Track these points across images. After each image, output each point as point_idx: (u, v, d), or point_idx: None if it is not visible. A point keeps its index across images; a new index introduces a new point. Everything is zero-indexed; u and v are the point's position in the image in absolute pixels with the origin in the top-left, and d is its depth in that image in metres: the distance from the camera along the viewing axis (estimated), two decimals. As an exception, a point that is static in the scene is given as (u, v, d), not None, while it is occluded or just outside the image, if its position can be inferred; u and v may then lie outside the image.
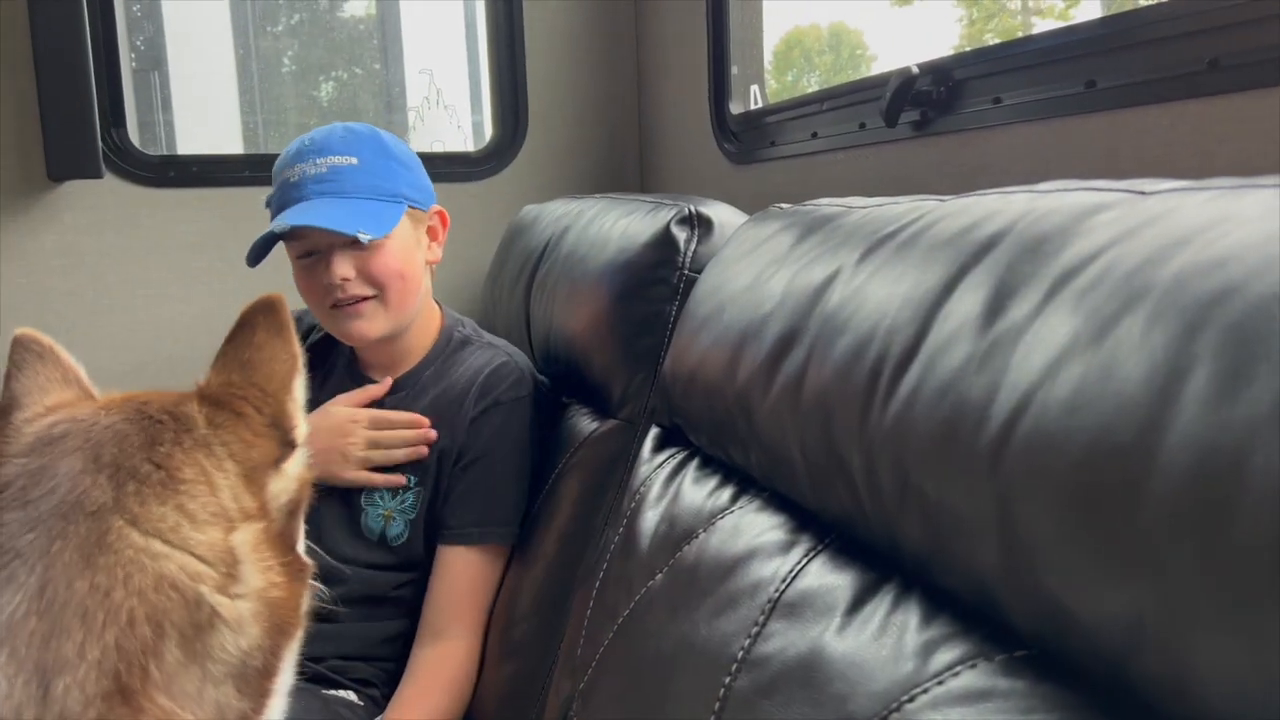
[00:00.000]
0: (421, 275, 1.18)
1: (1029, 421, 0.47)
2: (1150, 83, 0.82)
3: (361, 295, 1.12)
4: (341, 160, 1.12)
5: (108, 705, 0.47)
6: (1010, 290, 0.54)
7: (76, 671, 0.47)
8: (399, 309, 1.15)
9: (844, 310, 0.68)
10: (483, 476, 1.14)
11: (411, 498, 1.15)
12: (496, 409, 1.15)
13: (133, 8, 3.97)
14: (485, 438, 1.14)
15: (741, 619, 0.67)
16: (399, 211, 1.13)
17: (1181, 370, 0.40)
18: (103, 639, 0.48)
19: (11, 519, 0.51)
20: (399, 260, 1.13)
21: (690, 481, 0.88)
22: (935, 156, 1.11)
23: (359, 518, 1.16)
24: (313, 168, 1.12)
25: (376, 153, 1.15)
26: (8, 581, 0.49)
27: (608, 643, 0.83)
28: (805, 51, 8.99)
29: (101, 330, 1.82)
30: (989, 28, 6.86)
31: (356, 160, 1.12)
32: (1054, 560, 0.45)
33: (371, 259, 1.11)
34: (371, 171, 1.13)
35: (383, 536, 1.16)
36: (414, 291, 1.17)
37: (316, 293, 1.14)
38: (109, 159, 1.75)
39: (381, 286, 1.12)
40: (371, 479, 1.13)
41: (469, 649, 1.10)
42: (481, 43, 2.04)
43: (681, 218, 1.07)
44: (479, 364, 1.18)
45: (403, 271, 1.14)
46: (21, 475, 0.53)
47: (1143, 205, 0.51)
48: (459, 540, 1.12)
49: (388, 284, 1.13)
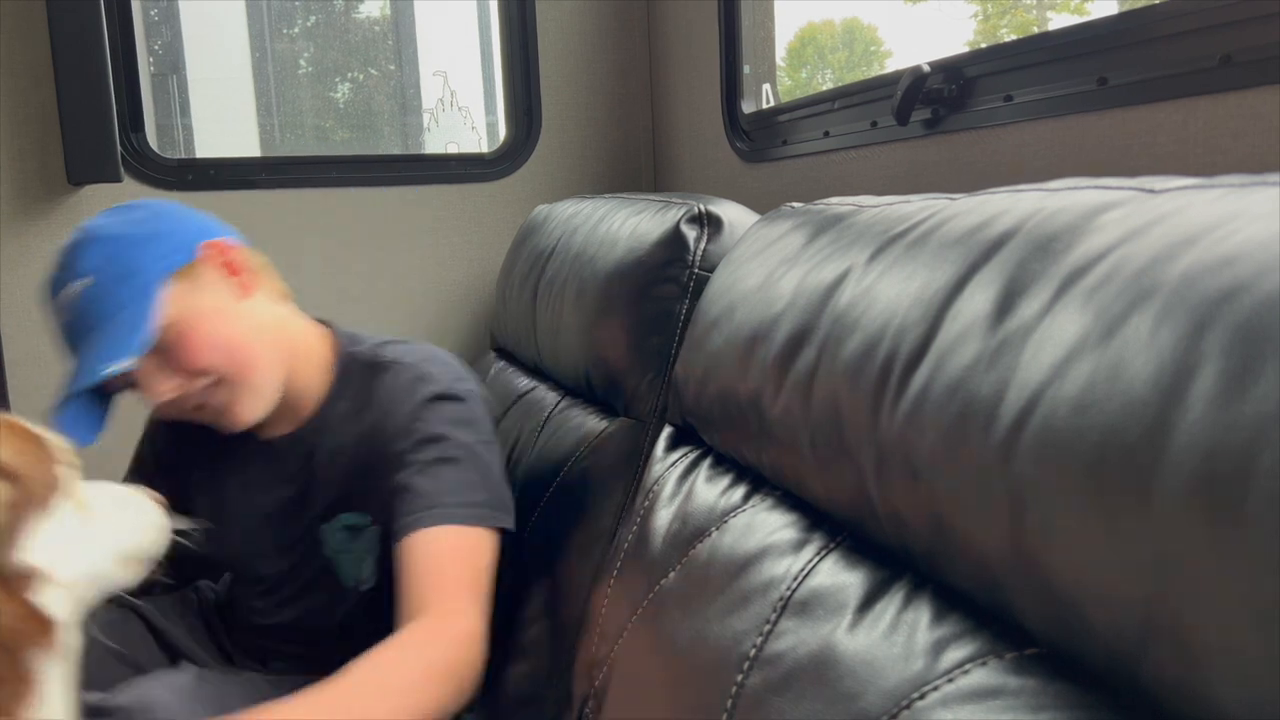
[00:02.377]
0: (240, 323, 1.00)
1: (1038, 420, 0.47)
2: (1162, 79, 0.82)
3: (195, 402, 0.98)
4: (79, 285, 0.96)
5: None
6: (1020, 289, 0.54)
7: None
8: (249, 379, 1.00)
9: (854, 309, 0.68)
10: (427, 465, 0.99)
11: (372, 534, 1.06)
12: (425, 408, 1.02)
13: (150, 12, 4.00)
14: (419, 438, 1.00)
15: (753, 617, 0.67)
16: (149, 306, 0.95)
17: (1189, 369, 0.40)
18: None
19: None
20: (207, 341, 0.97)
21: (703, 480, 0.88)
22: (947, 154, 1.11)
23: (331, 572, 1.07)
24: (59, 304, 0.98)
25: (108, 256, 0.97)
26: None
27: (622, 641, 0.83)
28: (819, 48, 8.96)
29: (121, 332, 1.84)
30: (1003, 23, 6.82)
31: (92, 280, 0.96)
32: (1064, 559, 0.45)
33: (173, 356, 0.96)
34: (106, 283, 0.95)
35: (359, 581, 1.08)
36: (252, 351, 1.00)
37: (166, 413, 1.01)
38: (128, 163, 1.77)
39: (208, 373, 0.97)
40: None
41: (434, 625, 0.91)
42: (495, 44, 2.05)
43: (691, 216, 1.07)
44: (388, 385, 1.04)
45: (216, 345, 0.97)
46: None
47: (1152, 203, 0.51)
48: (411, 528, 0.95)
49: (210, 368, 0.97)
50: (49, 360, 1.79)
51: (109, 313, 0.94)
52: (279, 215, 1.92)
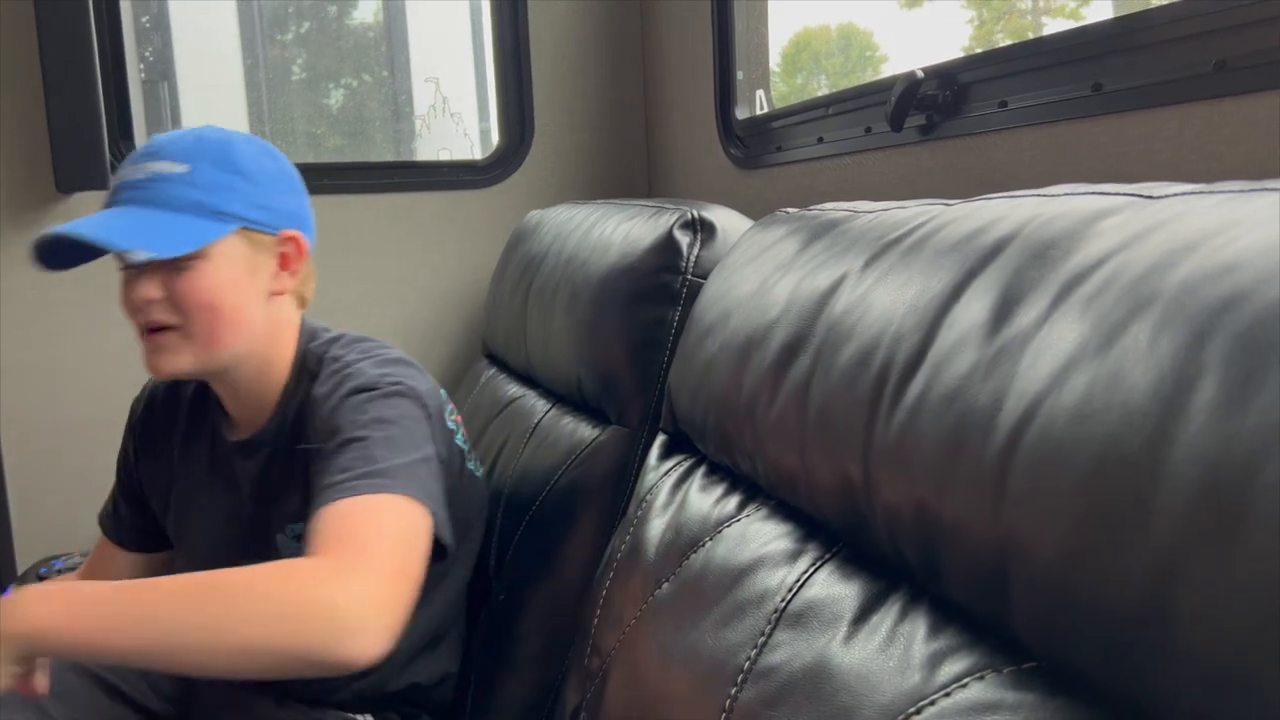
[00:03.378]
0: (251, 308, 0.99)
1: (1036, 431, 0.46)
2: (1157, 85, 0.81)
3: (161, 323, 0.95)
4: (168, 167, 0.94)
5: None
6: (1017, 296, 0.53)
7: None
8: (206, 344, 0.97)
9: (849, 316, 0.67)
10: (345, 446, 0.90)
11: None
12: (347, 399, 0.95)
13: (141, 19, 3.99)
14: (329, 430, 0.93)
15: (748, 629, 0.66)
16: (218, 232, 0.95)
17: (1190, 379, 0.39)
18: None
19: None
20: (211, 288, 0.95)
21: (697, 489, 0.87)
22: (941, 161, 1.10)
23: (277, 554, 1.01)
24: (135, 172, 0.96)
25: (216, 163, 0.96)
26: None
27: (614, 652, 0.82)
28: (815, 54, 8.98)
29: (110, 342, 1.83)
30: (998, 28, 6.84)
31: (187, 168, 0.95)
32: (1062, 572, 0.45)
33: (180, 282, 0.94)
34: (198, 184, 0.95)
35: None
36: (231, 326, 0.98)
37: (128, 312, 0.98)
38: (116, 170, 1.76)
39: (185, 314, 0.95)
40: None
41: (327, 568, 0.79)
42: (488, 50, 2.05)
43: (684, 222, 1.07)
44: (324, 388, 0.98)
45: (213, 302, 0.95)
46: None
47: (1150, 210, 0.51)
48: (322, 503, 0.85)
49: (192, 312, 0.95)
50: (42, 368, 1.78)
51: (176, 207, 0.94)
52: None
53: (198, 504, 1.11)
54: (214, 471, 1.09)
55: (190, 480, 1.11)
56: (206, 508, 1.10)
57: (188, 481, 1.11)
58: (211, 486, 1.09)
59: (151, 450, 1.15)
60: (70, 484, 1.83)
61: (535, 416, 1.27)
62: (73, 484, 1.84)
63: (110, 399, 1.84)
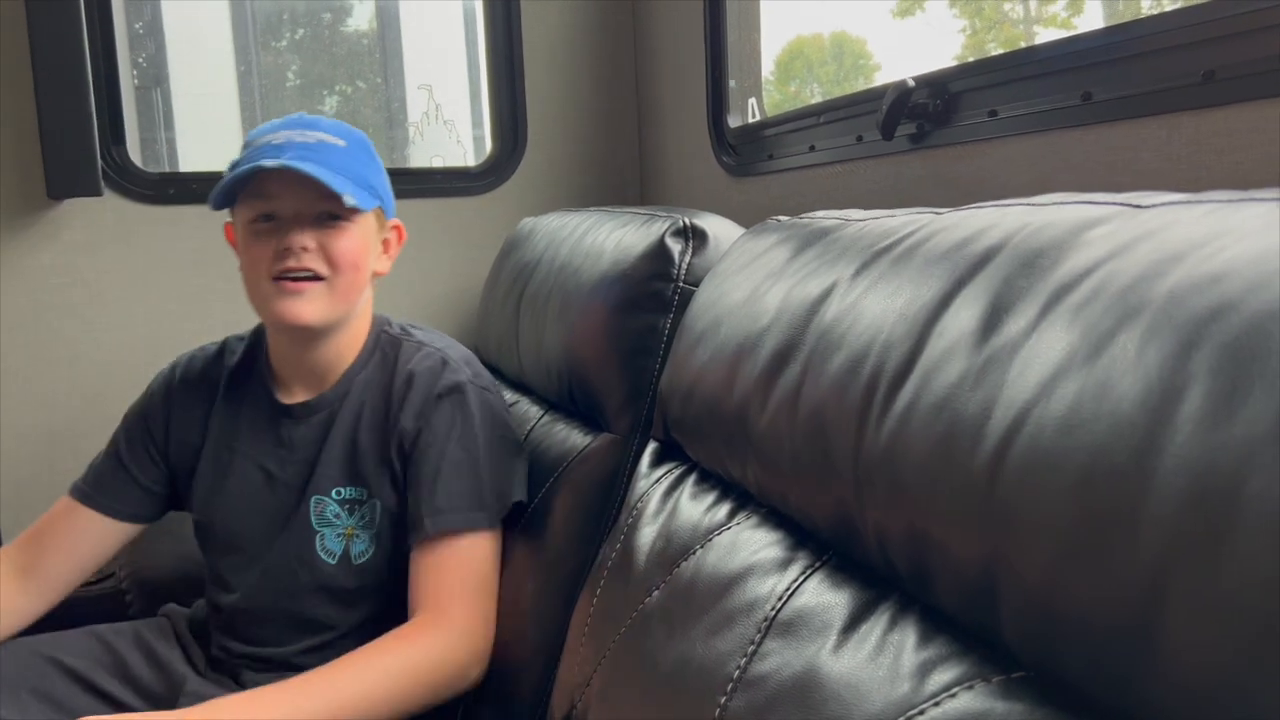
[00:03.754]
0: (368, 278, 1.12)
1: (1025, 440, 0.46)
2: (1146, 95, 0.82)
3: (313, 271, 1.05)
4: (330, 139, 1.07)
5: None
6: (1006, 305, 0.53)
7: None
8: (344, 299, 1.08)
9: (840, 324, 0.67)
10: (442, 469, 1.06)
11: (368, 510, 1.10)
12: (441, 401, 1.09)
13: (134, 25, 3.98)
14: (432, 429, 1.08)
15: (738, 637, 0.66)
16: (371, 202, 1.08)
17: (1177, 389, 0.39)
18: None
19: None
20: (359, 249, 1.08)
21: (687, 497, 0.87)
22: (932, 169, 1.10)
23: (313, 543, 1.11)
24: (300, 136, 1.06)
25: (362, 147, 1.11)
26: None
27: (603, 661, 0.82)
28: (808, 62, 9.00)
29: (100, 349, 1.82)
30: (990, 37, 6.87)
31: (345, 144, 1.08)
32: (1051, 581, 0.44)
33: (334, 238, 1.05)
34: (356, 159, 1.08)
35: (345, 557, 1.11)
36: (360, 287, 1.10)
37: (263, 261, 1.05)
38: (109, 176, 1.75)
39: (335, 269, 1.06)
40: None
41: (445, 633, 1.01)
42: (481, 57, 2.05)
43: (676, 230, 1.07)
44: (411, 364, 1.12)
45: (358, 262, 1.08)
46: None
47: (1139, 219, 0.51)
48: (427, 536, 1.05)
49: (342, 268, 1.06)
50: (31, 374, 1.77)
51: (344, 173, 1.05)
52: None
53: (234, 464, 1.15)
54: (256, 432, 1.15)
55: (226, 441, 1.16)
56: (243, 468, 1.15)
57: (223, 442, 1.16)
58: (252, 446, 1.15)
59: (184, 414, 1.18)
60: (60, 489, 1.82)
61: (528, 424, 1.27)
62: (62, 489, 1.84)
63: (97, 407, 1.84)
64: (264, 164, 1.01)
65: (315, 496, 1.11)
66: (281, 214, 1.05)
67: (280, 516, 1.12)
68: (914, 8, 6.81)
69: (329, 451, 1.11)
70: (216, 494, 1.16)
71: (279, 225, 1.05)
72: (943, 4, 6.55)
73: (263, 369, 1.17)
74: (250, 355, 1.19)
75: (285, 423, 1.14)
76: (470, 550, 1.06)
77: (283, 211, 1.05)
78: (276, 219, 1.05)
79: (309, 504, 1.11)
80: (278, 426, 1.14)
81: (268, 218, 1.05)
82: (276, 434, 1.14)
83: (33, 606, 1.15)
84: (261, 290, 1.06)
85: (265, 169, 1.01)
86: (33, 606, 1.15)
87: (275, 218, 1.05)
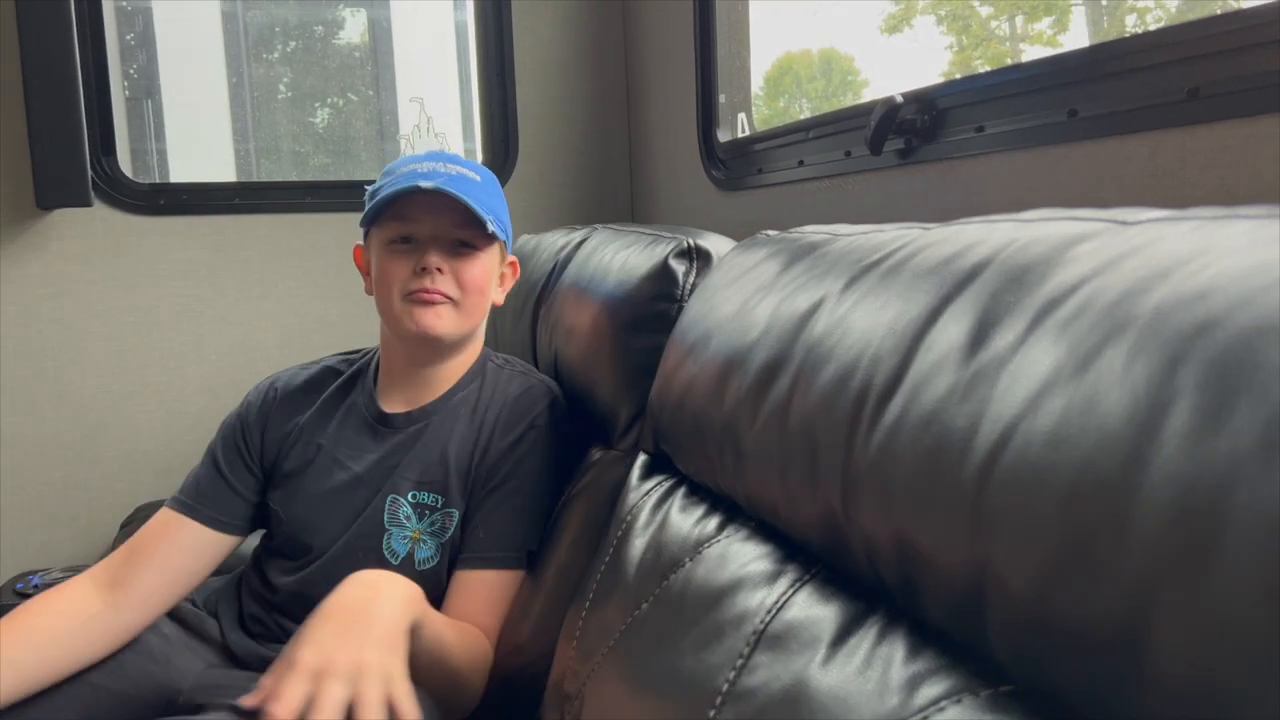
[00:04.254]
0: (488, 305, 1.20)
1: (1012, 454, 0.47)
2: (1131, 112, 0.82)
3: (444, 293, 1.12)
4: (469, 174, 1.14)
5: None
6: (993, 320, 0.54)
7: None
8: (468, 320, 1.16)
9: (829, 339, 0.68)
10: (509, 500, 1.13)
11: (441, 518, 1.14)
12: (529, 433, 1.16)
13: (126, 36, 3.98)
14: (515, 461, 1.14)
15: (727, 650, 0.66)
16: (502, 235, 1.16)
17: (1164, 404, 0.40)
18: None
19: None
20: (485, 277, 1.16)
21: (677, 509, 0.87)
22: (920, 184, 1.11)
23: (380, 541, 1.14)
24: (444, 168, 1.13)
25: (494, 187, 1.19)
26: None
27: (593, 674, 0.82)
28: (797, 78, 9.04)
29: (89, 359, 1.82)
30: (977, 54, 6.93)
31: (480, 179, 1.16)
32: (1038, 595, 0.45)
33: (465, 265, 1.13)
34: (490, 194, 1.16)
35: (408, 560, 1.13)
36: (482, 314, 1.19)
37: (399, 279, 1.13)
38: (98, 187, 1.75)
39: (464, 291, 1.14)
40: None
41: (490, 646, 1.09)
42: (473, 71, 2.05)
43: (680, 251, 1.07)
44: (512, 389, 1.19)
45: (484, 287, 1.16)
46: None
47: (1125, 235, 0.51)
48: (479, 564, 1.11)
49: (470, 291, 1.14)
50: (19, 383, 1.76)
51: (481, 205, 1.11)
52: (254, 240, 1.91)
53: (319, 459, 1.19)
54: (349, 433, 1.20)
55: (314, 439, 1.20)
56: (327, 463, 1.19)
57: (312, 440, 1.20)
58: (341, 445, 1.19)
59: (280, 420, 1.23)
60: (49, 500, 1.81)
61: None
62: (51, 500, 1.83)
63: (86, 415, 1.83)
64: (421, 184, 1.07)
65: (391, 496, 1.15)
66: (420, 237, 1.12)
67: (354, 512, 1.16)
68: (902, 25, 6.87)
69: (415, 457, 1.16)
70: (295, 484, 1.18)
71: (416, 247, 1.12)
72: (930, 21, 6.61)
73: (369, 382, 1.23)
74: (358, 372, 1.25)
75: (380, 429, 1.19)
76: (510, 590, 1.12)
77: (421, 234, 1.12)
78: (414, 241, 1.12)
79: (384, 502, 1.15)
80: (372, 431, 1.19)
81: (406, 240, 1.12)
82: (369, 438, 1.19)
83: (123, 620, 1.12)
84: (394, 306, 1.14)
85: (422, 189, 1.07)
86: (123, 620, 1.12)
87: (413, 240, 1.12)
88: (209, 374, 1.89)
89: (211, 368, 1.89)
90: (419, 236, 1.12)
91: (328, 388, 1.24)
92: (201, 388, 1.88)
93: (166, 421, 1.87)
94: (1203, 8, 5.89)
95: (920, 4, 6.74)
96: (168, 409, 1.87)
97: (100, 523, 1.81)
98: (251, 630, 1.19)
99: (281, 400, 1.24)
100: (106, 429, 1.83)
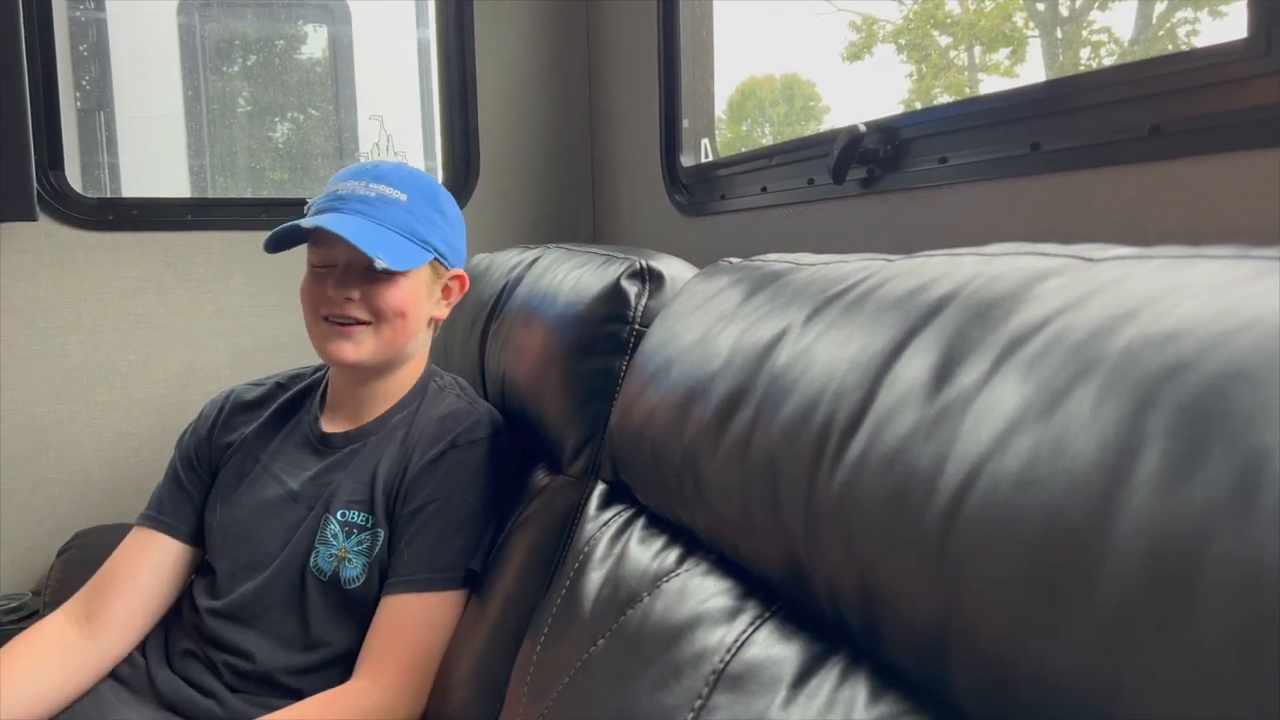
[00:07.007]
0: (421, 324, 1.18)
1: (978, 496, 0.45)
2: (1094, 146, 0.83)
3: (357, 319, 1.12)
4: (392, 193, 1.13)
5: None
6: (958, 356, 0.53)
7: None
8: (389, 344, 1.15)
9: (791, 371, 0.66)
10: (433, 521, 1.10)
11: (368, 538, 1.12)
12: (450, 452, 1.13)
13: (79, 47, 3.91)
14: (436, 481, 1.12)
15: (685, 691, 0.64)
16: (423, 258, 1.14)
17: (1134, 449, 0.39)
18: None
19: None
20: (405, 299, 1.14)
21: (636, 541, 0.85)
22: (882, 213, 1.11)
23: (308, 558, 1.12)
24: (363, 189, 1.13)
25: (427, 200, 1.16)
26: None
27: (546, 712, 0.80)
28: (759, 102, 9.14)
29: (33, 377, 1.76)
30: (936, 83, 7.04)
31: (405, 198, 1.14)
32: (1005, 641, 0.44)
33: (380, 289, 1.12)
34: (414, 214, 1.14)
35: (334, 578, 1.11)
36: (409, 335, 1.17)
37: (317, 302, 1.13)
38: (44, 201, 1.70)
39: (379, 317, 1.13)
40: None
41: (378, 697, 1.04)
42: (435, 90, 2.04)
43: (632, 272, 1.06)
44: (438, 410, 1.18)
45: (404, 311, 1.14)
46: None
47: (1090, 272, 0.51)
48: (403, 589, 1.08)
49: (386, 317, 1.13)
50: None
51: (396, 228, 1.12)
52: (206, 257, 1.87)
53: (257, 475, 1.19)
54: (289, 451, 1.20)
55: (255, 454, 1.20)
56: (264, 480, 1.18)
57: (252, 454, 1.20)
58: (279, 462, 1.19)
59: (228, 432, 1.23)
60: (20, 522, 1.75)
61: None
62: (23, 521, 1.76)
63: (30, 436, 1.77)
64: (300, 224, 1.09)
65: (324, 515, 1.14)
66: (337, 262, 1.12)
67: (289, 529, 1.15)
68: (863, 53, 6.97)
69: (349, 476, 1.15)
70: (231, 499, 1.18)
71: (332, 272, 1.12)
72: (891, 50, 6.71)
73: (315, 402, 1.23)
74: (309, 387, 1.26)
75: (321, 449, 1.19)
76: (432, 611, 1.09)
77: (337, 260, 1.12)
78: (331, 266, 1.13)
79: (317, 521, 1.14)
80: (314, 451, 1.19)
81: (325, 265, 1.13)
82: (310, 456, 1.18)
83: (102, 649, 1.13)
84: (314, 327, 1.15)
85: (301, 229, 1.09)
86: (102, 649, 1.13)
87: (330, 265, 1.13)
88: (156, 394, 1.84)
89: (160, 388, 1.84)
90: (337, 261, 1.12)
91: (274, 403, 1.24)
92: (148, 408, 1.84)
93: (113, 443, 1.82)
94: (1155, 45, 6.02)
95: (881, 33, 6.85)
96: (113, 430, 1.82)
97: (39, 547, 1.75)
98: (178, 667, 1.15)
99: (230, 412, 1.25)
100: (48, 450, 1.78)
